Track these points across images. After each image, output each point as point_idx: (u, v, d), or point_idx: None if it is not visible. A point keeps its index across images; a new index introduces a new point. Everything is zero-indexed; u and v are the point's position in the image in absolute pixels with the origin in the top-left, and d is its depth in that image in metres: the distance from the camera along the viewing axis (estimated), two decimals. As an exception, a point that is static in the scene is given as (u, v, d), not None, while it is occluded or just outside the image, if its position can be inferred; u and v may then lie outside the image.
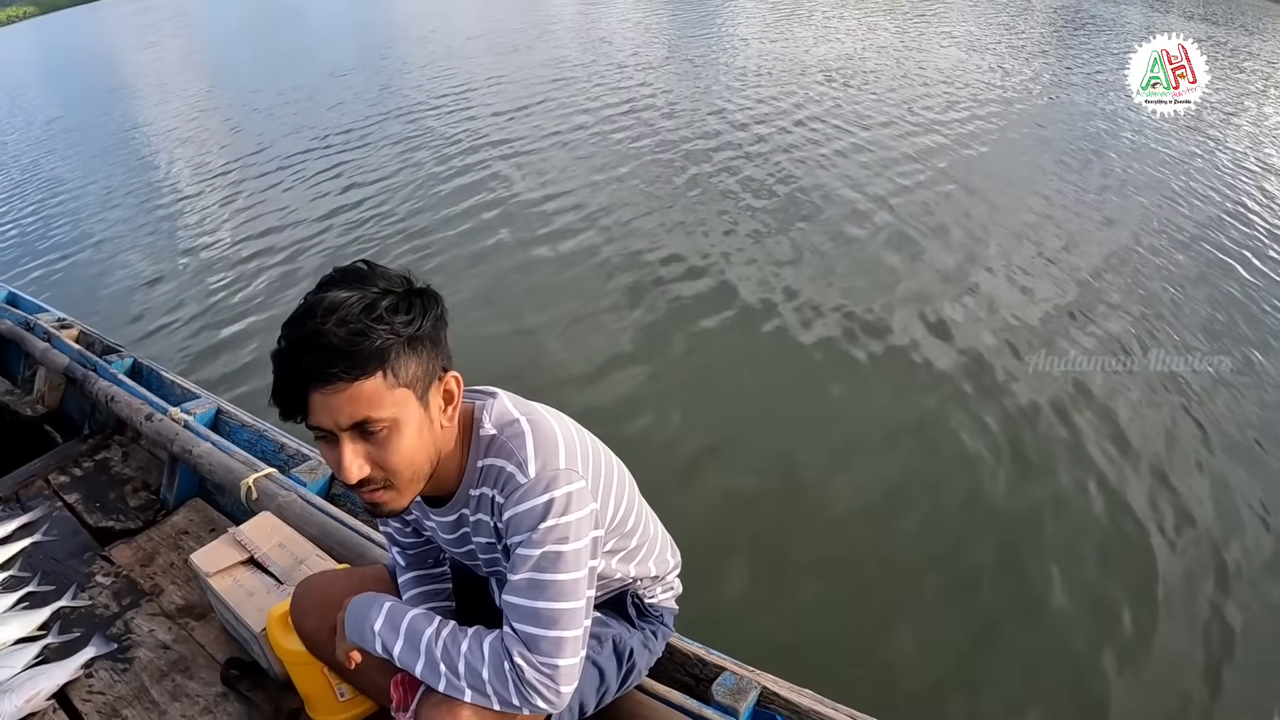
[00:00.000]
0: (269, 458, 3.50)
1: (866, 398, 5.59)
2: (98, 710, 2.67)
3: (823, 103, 12.03)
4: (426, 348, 1.55)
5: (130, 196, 11.45)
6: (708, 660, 2.24)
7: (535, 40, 18.75)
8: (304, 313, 1.48)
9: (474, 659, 1.63)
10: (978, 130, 11.00)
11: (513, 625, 1.63)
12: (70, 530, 3.54)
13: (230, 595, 2.68)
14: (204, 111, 16.20)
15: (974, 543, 4.47)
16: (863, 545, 4.48)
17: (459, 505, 1.78)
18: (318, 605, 2.16)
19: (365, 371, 1.45)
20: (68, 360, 4.43)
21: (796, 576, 4.31)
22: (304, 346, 1.45)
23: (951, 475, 4.91)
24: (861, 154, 9.97)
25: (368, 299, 1.48)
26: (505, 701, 1.63)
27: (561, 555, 1.60)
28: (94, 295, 8.34)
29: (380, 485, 1.57)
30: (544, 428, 1.68)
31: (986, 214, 8.27)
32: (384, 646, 1.74)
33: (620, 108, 12.35)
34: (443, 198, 9.55)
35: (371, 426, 1.49)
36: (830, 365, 5.92)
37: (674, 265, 7.41)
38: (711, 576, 4.17)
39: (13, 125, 17.99)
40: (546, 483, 1.61)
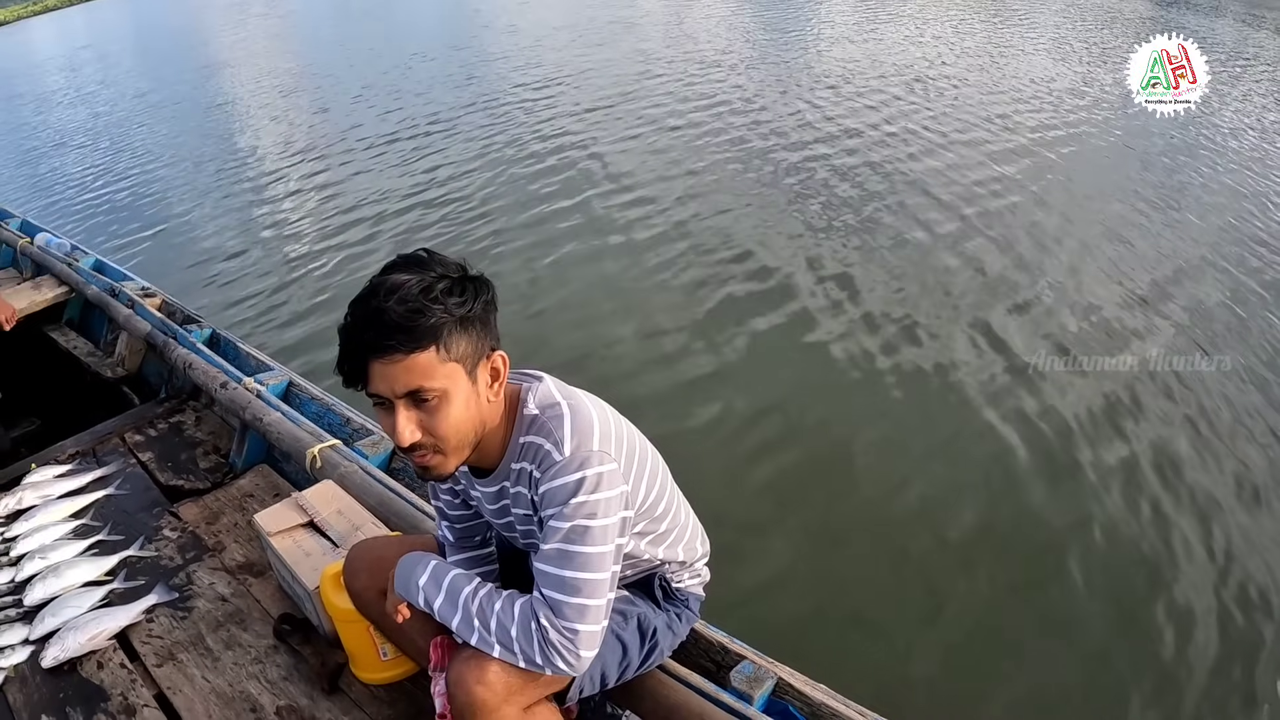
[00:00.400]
0: (335, 430, 3.64)
1: (923, 403, 5.60)
2: (155, 652, 2.82)
3: (903, 108, 11.91)
4: (476, 328, 1.69)
5: (217, 173, 11.86)
6: (729, 648, 2.31)
7: (622, 33, 18.82)
8: (368, 292, 1.65)
9: (505, 618, 1.77)
10: (1057, 140, 10.81)
11: (541, 590, 1.76)
12: (142, 486, 3.74)
13: (289, 554, 2.82)
14: (291, 92, 16.62)
15: (1012, 557, 4.48)
16: (902, 551, 4.51)
17: (501, 477, 1.91)
18: (369, 567, 2.30)
19: (420, 345, 1.60)
20: (149, 327, 4.64)
21: (831, 575, 4.40)
22: (367, 322, 1.61)
23: (999, 487, 4.90)
24: (938, 161, 9.88)
25: (425, 282, 1.63)
26: (529, 660, 1.76)
27: (589, 530, 1.72)
28: (177, 266, 8.71)
29: (430, 450, 1.71)
30: (582, 412, 1.81)
31: (1059, 226, 8.11)
32: (426, 600, 1.90)
33: (701, 105, 12.37)
34: (521, 186, 9.74)
35: (423, 395, 1.64)
36: (887, 368, 5.97)
37: (743, 262, 7.48)
38: (746, 566, 4.25)
39: (104, 98, 18.60)
40: (580, 462, 1.73)
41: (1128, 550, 4.49)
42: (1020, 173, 9.58)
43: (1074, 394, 5.61)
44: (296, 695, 2.60)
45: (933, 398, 5.65)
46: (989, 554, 4.48)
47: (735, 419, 5.50)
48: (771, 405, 5.67)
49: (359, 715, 2.52)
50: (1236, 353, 6.06)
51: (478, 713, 1.80)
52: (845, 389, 5.81)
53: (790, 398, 5.75)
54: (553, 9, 24.03)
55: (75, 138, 15.54)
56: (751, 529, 4.59)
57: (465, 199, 9.59)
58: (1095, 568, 4.37)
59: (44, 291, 5.52)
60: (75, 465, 3.91)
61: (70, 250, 5.99)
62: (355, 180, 10.58)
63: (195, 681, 2.69)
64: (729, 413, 5.56)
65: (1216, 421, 5.40)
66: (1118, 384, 5.71)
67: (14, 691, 2.74)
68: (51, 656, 2.80)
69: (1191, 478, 4.94)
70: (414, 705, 2.52)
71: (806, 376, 5.98)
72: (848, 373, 5.97)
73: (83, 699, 2.68)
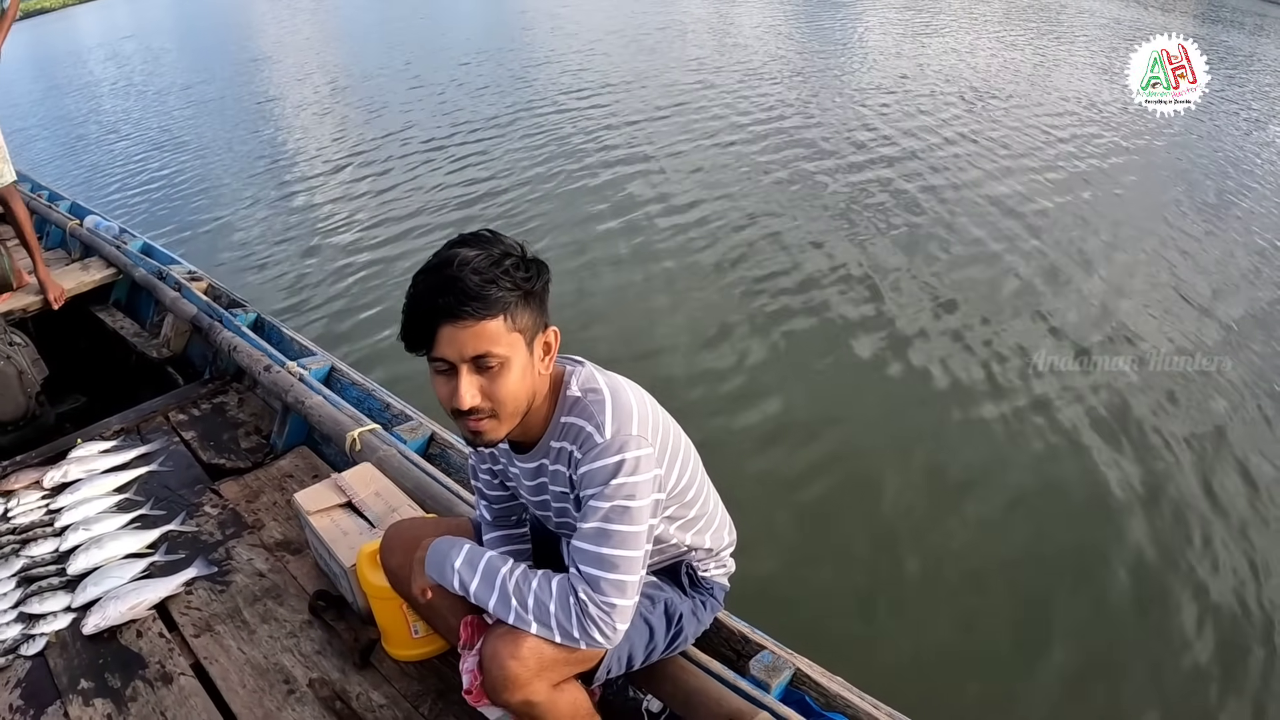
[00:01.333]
0: (375, 415, 3.72)
1: (964, 416, 5.62)
2: (193, 623, 2.92)
3: (953, 122, 11.87)
4: (536, 303, 1.81)
5: (265, 167, 12.04)
6: (750, 638, 2.37)
7: (674, 40, 18.79)
8: (440, 263, 1.75)
9: (543, 595, 1.86)
10: (1107, 152, 10.84)
11: (579, 567, 1.85)
12: (184, 464, 3.85)
13: (326, 533, 2.90)
14: (339, 89, 16.80)
15: (1046, 571, 4.48)
16: (931, 556, 4.54)
17: (540, 454, 2.00)
18: (405, 546, 2.39)
19: (491, 313, 1.72)
20: (195, 310, 4.75)
21: (857, 574, 4.45)
22: (442, 288, 1.71)
23: (1034, 503, 4.91)
24: (987, 175, 9.85)
25: (494, 256, 1.75)
26: (567, 634, 1.84)
27: (628, 510, 1.82)
28: (223, 253, 8.88)
29: (486, 415, 1.81)
30: (622, 397, 1.92)
31: (1112, 242, 8.14)
32: (461, 583, 1.97)
33: (750, 115, 12.34)
34: (569, 192, 9.76)
35: (488, 361, 1.75)
36: (926, 376, 6.01)
37: (790, 274, 7.50)
38: (771, 560, 4.31)
39: (152, 89, 18.88)
40: (619, 445, 1.83)
41: (1164, 568, 4.49)
42: (1076, 188, 9.57)
43: (1133, 425, 5.60)
44: (329, 669, 2.68)
45: (974, 409, 5.67)
46: (1016, 567, 4.49)
47: (772, 420, 5.57)
48: (807, 407, 5.74)
49: (388, 690, 2.60)
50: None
51: (510, 686, 1.88)
52: (884, 396, 5.86)
53: (827, 402, 5.82)
54: (604, 13, 24.10)
55: (122, 127, 15.79)
56: (779, 525, 4.67)
57: (511, 198, 9.69)
58: (1127, 584, 4.38)
59: (92, 273, 5.67)
60: (120, 441, 4.03)
61: (119, 233, 6.13)
62: (400, 179, 10.68)
63: (231, 652, 2.78)
64: (766, 413, 5.63)
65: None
66: (1185, 417, 5.69)
67: (55, 656, 2.85)
68: (92, 624, 2.91)
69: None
70: (443, 681, 2.59)
71: (847, 383, 6.03)
72: (888, 380, 6.02)
73: (121, 665, 2.78)
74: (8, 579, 3.17)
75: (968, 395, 5.82)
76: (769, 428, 5.49)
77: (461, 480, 3.17)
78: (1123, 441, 5.35)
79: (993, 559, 4.52)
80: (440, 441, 3.49)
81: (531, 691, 1.89)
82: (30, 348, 4.63)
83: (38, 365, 4.60)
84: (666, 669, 2.25)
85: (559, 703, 1.95)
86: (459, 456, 3.37)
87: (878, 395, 5.87)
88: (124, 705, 2.62)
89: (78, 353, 5.26)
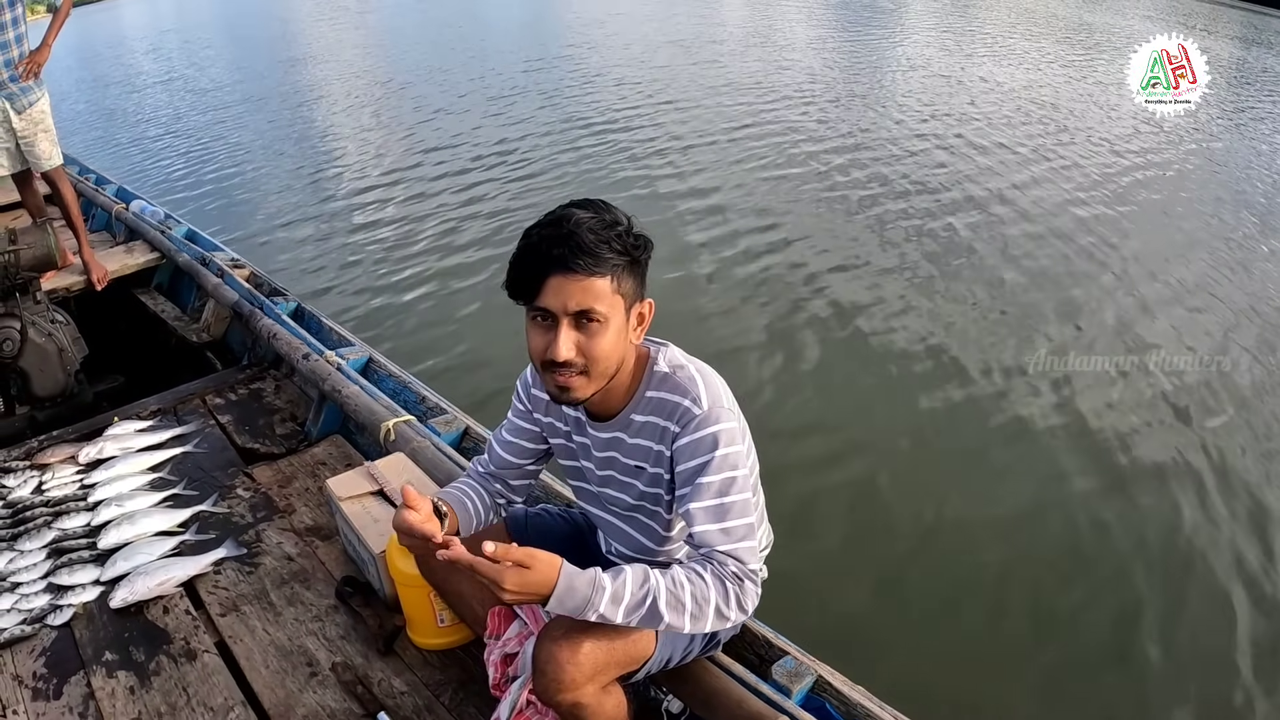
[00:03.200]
0: (410, 407, 3.78)
1: (1002, 435, 5.60)
2: (220, 602, 2.98)
3: (995, 136, 11.90)
4: (640, 272, 1.91)
5: (309, 162, 12.21)
6: (774, 643, 2.39)
7: (728, 53, 18.91)
8: (557, 219, 1.84)
9: (700, 594, 1.85)
10: (1155, 164, 10.83)
11: (719, 550, 1.90)
12: (219, 446, 3.93)
13: (357, 519, 2.95)
14: (385, 86, 16.94)
15: (1078, 593, 4.44)
16: (964, 571, 4.54)
17: (619, 426, 2.07)
18: (435, 535, 2.41)
19: (601, 271, 1.80)
20: (237, 296, 4.85)
21: (885, 585, 4.46)
22: (559, 240, 1.79)
23: (1073, 524, 4.86)
24: (1027, 190, 9.86)
25: (606, 221, 1.84)
26: (724, 618, 1.88)
27: (735, 479, 1.93)
28: (266, 244, 9.04)
29: (577, 371, 1.87)
30: (710, 375, 2.05)
31: (1154, 263, 8.09)
32: (603, 617, 1.83)
33: (796, 132, 12.33)
34: (611, 195, 9.79)
35: (591, 316, 1.83)
36: (956, 394, 6.00)
37: (825, 289, 7.51)
38: (800, 565, 4.29)
39: (199, 83, 19.16)
40: (717, 417, 1.95)
41: (1204, 592, 4.45)
42: (1120, 206, 9.55)
43: (1170, 449, 5.54)
44: (352, 654, 2.73)
45: (1013, 431, 5.64)
46: (1050, 586, 4.46)
47: (806, 428, 5.63)
48: (840, 415, 5.80)
49: (410, 677, 2.64)
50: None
51: (564, 690, 1.91)
52: (918, 407, 5.87)
53: (860, 411, 5.87)
54: (658, 23, 24.19)
55: (166, 117, 16.04)
56: (808, 531, 4.68)
57: (554, 199, 9.74)
58: (1174, 623, 4.32)
59: (136, 256, 5.81)
60: (156, 421, 4.12)
61: (164, 218, 6.26)
62: (444, 186, 10.77)
63: (256, 633, 2.84)
64: (800, 421, 5.69)
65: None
66: (1222, 439, 5.63)
67: (81, 628, 2.92)
68: (120, 598, 2.98)
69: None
70: (465, 672, 2.63)
71: (883, 394, 6.05)
72: (922, 390, 6.04)
73: (146, 640, 2.84)
74: (39, 550, 3.25)
75: (1002, 406, 5.85)
76: (802, 434, 5.54)
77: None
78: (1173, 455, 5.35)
79: (1026, 577, 4.51)
80: (474, 435, 3.54)
81: (582, 694, 1.92)
82: (71, 326, 4.72)
83: (78, 344, 4.69)
84: (690, 670, 2.28)
85: (605, 705, 1.98)
86: (491, 452, 3.41)
87: (911, 407, 5.87)
88: (147, 679, 2.68)
89: (118, 334, 5.38)
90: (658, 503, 2.11)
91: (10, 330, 4.39)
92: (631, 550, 2.27)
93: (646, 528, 2.19)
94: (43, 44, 5.30)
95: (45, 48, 5.30)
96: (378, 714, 2.49)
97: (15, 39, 5.09)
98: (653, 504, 2.12)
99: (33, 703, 2.64)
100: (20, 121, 5.23)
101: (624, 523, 2.24)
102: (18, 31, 5.10)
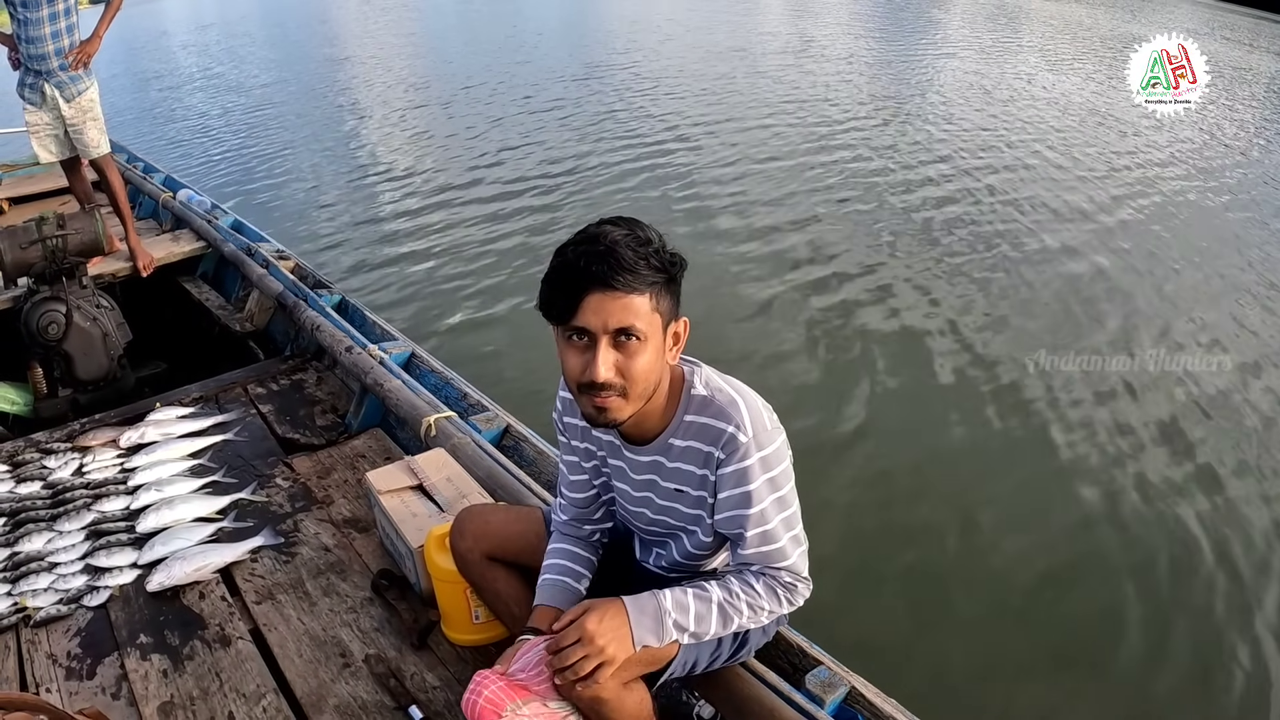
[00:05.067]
0: (451, 403, 3.81)
1: (1052, 458, 5.55)
2: (255, 590, 3.03)
3: (1038, 150, 11.90)
4: (676, 291, 1.90)
5: (353, 157, 12.39)
6: (808, 653, 2.38)
7: (786, 64, 18.83)
8: (592, 236, 1.81)
9: (755, 601, 2.04)
10: (1200, 182, 10.74)
11: (775, 567, 2.04)
12: (259, 435, 4.00)
13: (396, 513, 2.98)
14: (443, 95, 17.01)
15: (1117, 610, 4.41)
16: (1002, 587, 4.54)
17: (658, 450, 2.07)
18: (475, 530, 2.47)
19: (640, 289, 1.79)
20: (281, 288, 4.93)
21: (925, 603, 4.46)
22: (598, 257, 1.77)
23: (1120, 556, 4.80)
24: (1068, 204, 9.85)
25: (640, 239, 1.82)
26: (778, 617, 2.19)
27: (782, 496, 2.01)
28: (311, 238, 9.21)
29: (615, 392, 1.85)
30: (750, 396, 2.03)
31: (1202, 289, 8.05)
32: (676, 633, 2.00)
33: (842, 149, 12.33)
34: (663, 212, 9.85)
35: (631, 334, 1.80)
36: (1005, 414, 5.98)
37: (869, 302, 7.53)
38: (839, 579, 4.32)
39: (251, 81, 19.32)
40: (760, 443, 1.97)
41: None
42: (1169, 219, 9.49)
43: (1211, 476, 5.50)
44: (385, 646, 2.76)
45: (1062, 454, 5.59)
46: (1090, 609, 4.44)
47: (843, 437, 5.66)
48: (881, 427, 5.80)
49: (442, 672, 2.66)
50: None
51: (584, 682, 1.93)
52: (957, 418, 5.90)
53: (901, 423, 5.88)
54: (711, 31, 24.22)
55: (213, 111, 16.26)
56: (845, 542, 4.71)
57: (598, 203, 9.87)
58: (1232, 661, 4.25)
59: (182, 244, 5.92)
60: (198, 409, 4.19)
61: (210, 208, 6.37)
62: (498, 183, 10.84)
63: (290, 622, 2.88)
64: (842, 429, 5.72)
65: None
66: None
67: (117, 610, 2.97)
68: (157, 581, 3.03)
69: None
70: (498, 670, 2.64)
71: (923, 405, 6.09)
72: (963, 402, 6.08)
73: (181, 624, 2.89)
74: (77, 531, 3.32)
75: (1040, 415, 5.88)
76: (840, 445, 5.57)
77: (533, 473, 3.24)
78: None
79: (1065, 594, 4.50)
80: (515, 434, 3.56)
81: (601, 688, 1.92)
82: (116, 311, 4.82)
83: (122, 329, 4.79)
84: (723, 676, 2.28)
85: (627, 702, 1.98)
86: (532, 450, 3.44)
87: (949, 417, 5.90)
88: (180, 662, 2.72)
89: (162, 321, 5.47)
90: (697, 523, 2.12)
91: (56, 313, 4.49)
92: (668, 563, 2.29)
93: (683, 545, 2.20)
94: (93, 34, 5.45)
95: (96, 38, 5.45)
96: (409, 707, 2.51)
97: (66, 28, 5.23)
98: (692, 524, 2.14)
99: (66, 681, 2.69)
100: (69, 109, 5.37)
101: (661, 541, 2.27)
102: (69, 21, 5.24)
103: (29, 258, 4.54)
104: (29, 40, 5.18)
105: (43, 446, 3.91)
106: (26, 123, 5.44)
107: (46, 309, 4.51)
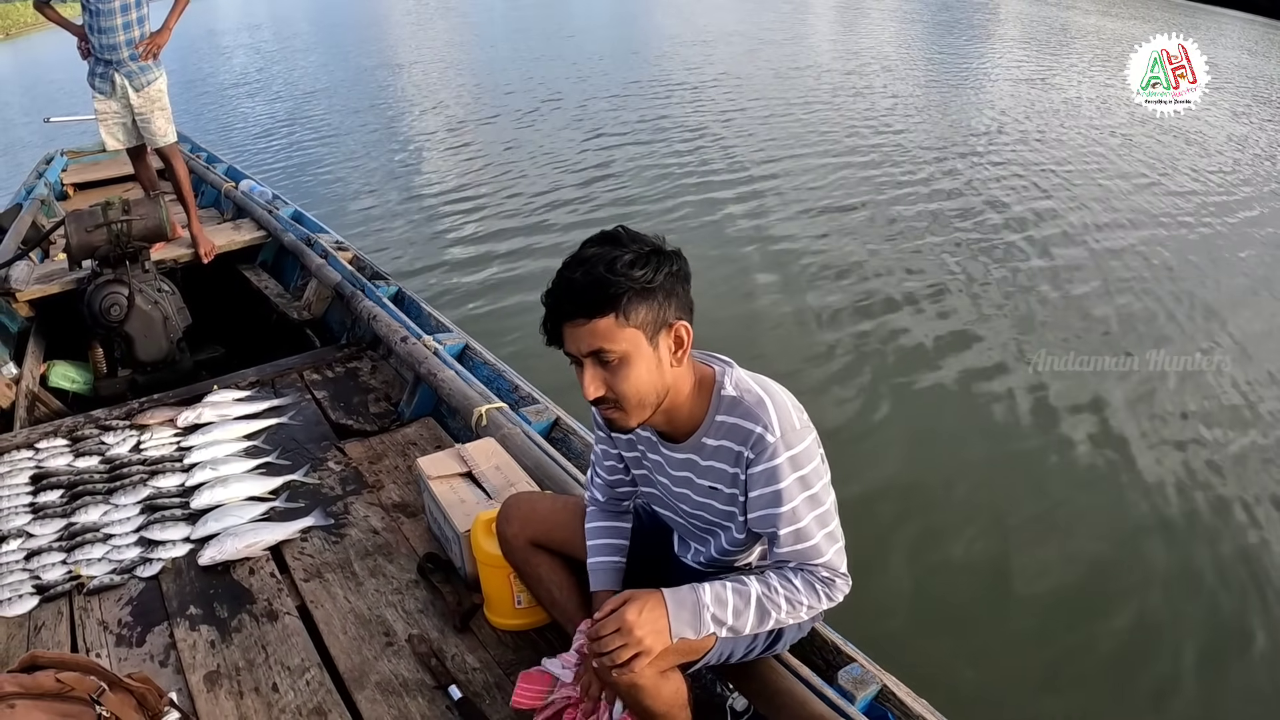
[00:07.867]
0: (503, 395, 3.89)
1: (1090, 469, 5.54)
2: (304, 568, 3.13)
3: (1085, 167, 11.80)
4: (658, 298, 1.90)
5: (420, 158, 12.62)
6: (842, 650, 2.42)
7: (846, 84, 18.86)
8: (565, 265, 1.92)
9: (793, 597, 2.06)
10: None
11: (812, 564, 2.07)
12: (313, 420, 4.12)
13: (444, 499, 3.06)
14: (504, 97, 17.19)
15: (1154, 619, 4.41)
16: (1040, 591, 4.54)
17: (692, 449, 2.12)
18: (522, 517, 2.56)
19: (599, 313, 1.85)
20: (339, 278, 5.05)
21: (959, 605, 4.49)
22: (561, 290, 1.89)
23: (1157, 569, 4.77)
24: (1106, 223, 9.71)
25: (610, 255, 1.87)
26: (817, 613, 2.16)
27: (815, 494, 2.04)
28: (370, 233, 9.43)
29: (612, 405, 1.96)
30: (778, 395, 2.07)
31: None
32: (714, 627, 2.04)
33: (883, 164, 12.29)
34: (704, 221, 9.91)
35: (605, 356, 1.89)
36: (1036, 426, 5.96)
37: (898, 314, 7.53)
38: (876, 580, 4.40)
39: (316, 82, 19.65)
40: (789, 442, 2.00)
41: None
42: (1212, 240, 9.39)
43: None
44: (429, 628, 2.83)
45: (1115, 462, 5.56)
46: (1129, 617, 4.42)
47: (889, 444, 5.71)
48: (917, 430, 5.86)
49: (483, 655, 2.73)
50: None
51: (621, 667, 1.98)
52: (993, 422, 5.94)
53: (938, 426, 5.93)
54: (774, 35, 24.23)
55: (279, 109, 16.67)
56: (886, 544, 4.75)
57: (644, 207, 10.05)
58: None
59: (243, 233, 6.10)
60: (254, 392, 4.33)
61: (271, 199, 6.55)
62: (556, 190, 10.97)
63: (337, 600, 2.97)
64: (878, 441, 5.75)
65: None
66: None
67: (168, 581, 3.09)
68: (209, 556, 3.14)
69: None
70: (537, 654, 2.69)
71: (962, 411, 6.11)
72: (1002, 408, 6.09)
73: (230, 598, 2.99)
74: (133, 505, 3.45)
75: (1079, 422, 5.87)
76: (879, 446, 5.64)
77: (581, 465, 3.30)
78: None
79: (1100, 604, 4.48)
80: (564, 426, 3.63)
81: (638, 675, 1.97)
82: (176, 296, 4.97)
83: (182, 313, 4.94)
84: (756, 668, 2.33)
85: (663, 689, 2.04)
86: (580, 443, 3.51)
87: (985, 421, 5.94)
88: (228, 634, 2.82)
89: (221, 307, 5.62)
90: (732, 519, 2.17)
91: (118, 296, 4.64)
92: (706, 559, 2.34)
93: (720, 542, 2.25)
94: (163, 27, 5.66)
95: (166, 30, 5.65)
96: (449, 686, 2.58)
97: (137, 20, 5.42)
98: (727, 520, 2.18)
99: (116, 648, 2.80)
100: (138, 99, 5.56)
101: (698, 535, 2.31)
102: (140, 13, 5.43)
103: (94, 241, 4.70)
104: (101, 31, 5.36)
105: (102, 423, 4.06)
106: (95, 110, 5.63)
107: (109, 291, 4.66)
